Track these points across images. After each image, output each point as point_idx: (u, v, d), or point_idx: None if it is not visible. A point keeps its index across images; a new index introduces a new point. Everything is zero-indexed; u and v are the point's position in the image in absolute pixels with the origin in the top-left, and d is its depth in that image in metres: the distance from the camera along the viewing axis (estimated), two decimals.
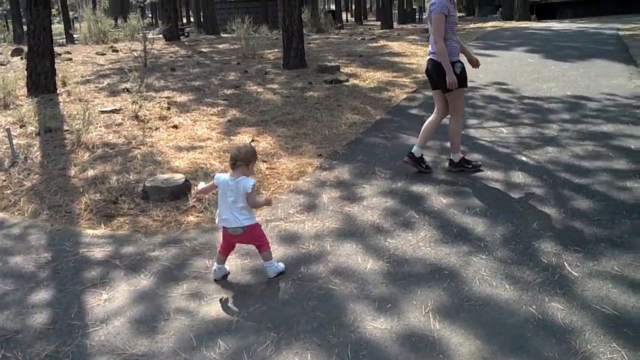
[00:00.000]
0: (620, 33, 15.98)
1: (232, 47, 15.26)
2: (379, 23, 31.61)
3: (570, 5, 30.82)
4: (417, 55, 13.48)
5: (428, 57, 5.60)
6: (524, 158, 5.95)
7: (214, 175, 3.98)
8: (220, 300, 3.64)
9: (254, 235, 3.84)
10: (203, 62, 12.64)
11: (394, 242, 4.28)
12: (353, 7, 51.26)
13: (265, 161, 6.22)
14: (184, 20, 68.21)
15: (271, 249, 3.97)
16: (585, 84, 9.14)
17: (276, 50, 13.84)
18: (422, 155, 5.74)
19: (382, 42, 16.11)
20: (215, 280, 3.90)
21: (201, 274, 3.96)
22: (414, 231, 4.45)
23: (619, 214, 4.52)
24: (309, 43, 16.20)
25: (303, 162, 6.17)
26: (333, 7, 58.38)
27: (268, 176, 5.83)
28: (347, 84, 10.00)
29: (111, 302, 3.67)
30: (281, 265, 3.98)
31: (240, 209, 3.73)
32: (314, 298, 3.57)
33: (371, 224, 4.62)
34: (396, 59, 12.79)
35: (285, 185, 5.57)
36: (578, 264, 3.80)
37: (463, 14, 48.22)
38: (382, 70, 11.35)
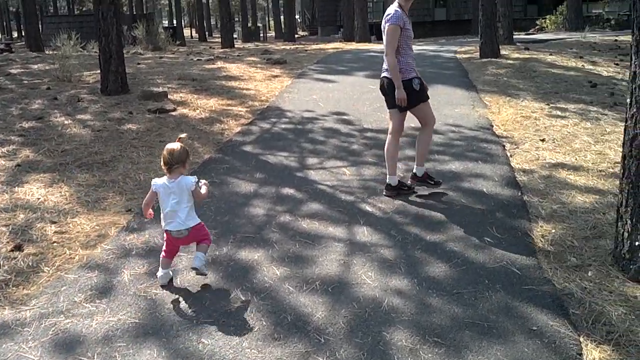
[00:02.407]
0: (458, 56, 16.16)
1: (49, 67, 13.42)
2: None
3: None
4: (255, 79, 12.54)
5: (382, 75, 5.34)
6: (368, 208, 5.17)
7: None
8: None
9: (198, 234, 3.88)
10: (7, 86, 10.81)
11: (210, 344, 3.24)
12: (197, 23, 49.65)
13: (54, 222, 4.91)
14: (14, 35, 62.72)
15: None
16: None
17: (99, 72, 12.28)
18: (399, 181, 5.44)
19: (219, 64, 15.00)
20: (161, 286, 3.85)
21: None
22: (239, 322, 3.45)
23: (480, 283, 3.82)
24: (139, 63, 14.73)
25: (105, 222, 4.95)
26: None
27: (55, 244, 4.54)
28: (174, 113, 8.80)
29: None
30: (205, 269, 3.89)
31: (185, 209, 3.77)
32: None
33: (183, 315, 3.54)
34: (233, 84, 11.76)
35: (77, 258, 4.33)
36: None
37: (306, 33, 48.55)
38: (216, 97, 10.26)
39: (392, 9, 5.17)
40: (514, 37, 18.13)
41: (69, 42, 20.91)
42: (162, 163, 3.80)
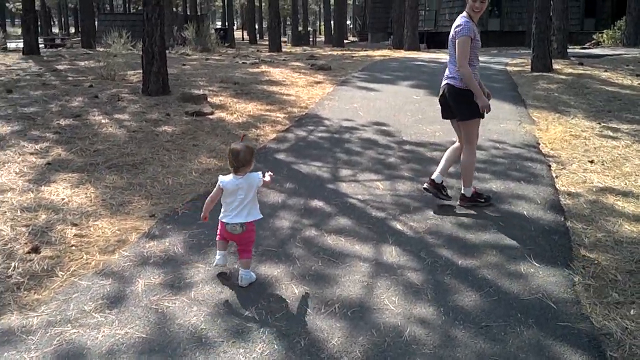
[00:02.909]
0: (509, 69, 15.68)
1: (96, 64, 13.56)
2: None
3: None
4: (297, 85, 12.40)
5: (444, 82, 5.27)
6: (399, 226, 4.92)
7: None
8: None
9: (248, 237, 3.92)
10: (52, 82, 10.94)
11: None
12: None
13: (75, 224, 4.81)
14: (72, 31, 64.41)
15: None
16: None
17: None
18: (442, 182, 5.38)
19: (263, 68, 14.93)
20: (216, 265, 3.98)
21: None
22: (249, 344, 3.24)
23: (511, 316, 3.54)
24: (184, 64, 14.79)
25: (127, 226, 4.83)
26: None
27: (73, 248, 4.44)
28: (211, 117, 8.71)
29: None
30: (254, 275, 3.95)
31: (249, 203, 3.86)
32: None
33: (192, 332, 3.37)
34: (274, 89, 11.64)
35: (93, 263, 4.21)
36: None
37: (356, 39, 48.35)
38: (256, 102, 10.15)
39: (461, 19, 5.08)
40: (569, 51, 17.53)
41: (120, 40, 21.16)
42: (228, 164, 3.92)
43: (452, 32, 5.12)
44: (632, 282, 3.95)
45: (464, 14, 5.10)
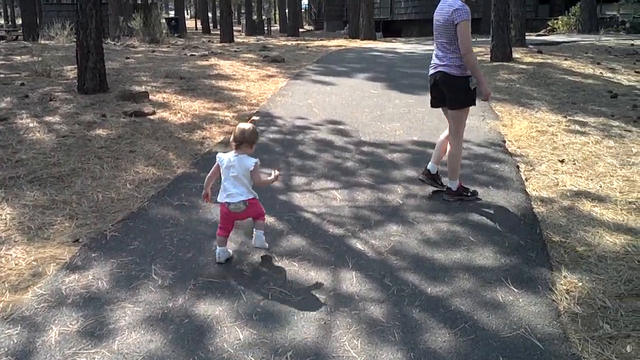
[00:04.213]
0: None
1: (32, 59, 12.60)
2: None
3: (417, 23, 30.68)
4: (248, 79, 11.69)
5: (436, 70, 5.03)
6: (359, 245, 4.36)
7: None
8: None
9: (253, 209, 3.96)
10: None
11: None
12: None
13: None
14: (19, 22, 61.68)
15: None
16: (433, 125, 7.82)
17: None
18: (437, 172, 5.35)
19: (213, 60, 14.14)
20: (218, 263, 3.97)
21: None
22: None
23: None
24: (128, 57, 13.90)
25: (46, 255, 4.15)
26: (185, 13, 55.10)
27: None
28: (152, 117, 7.97)
29: None
30: (267, 244, 4.09)
31: (243, 184, 3.88)
32: None
33: None
34: (222, 84, 10.92)
35: (1, 306, 3.54)
36: None
37: (312, 28, 47.63)
38: (202, 99, 9.42)
39: (455, 2, 4.78)
40: (526, 38, 17.23)
41: (63, 32, 20.01)
42: (231, 139, 3.97)
43: (445, 15, 4.80)
44: (624, 310, 3.48)
45: None
